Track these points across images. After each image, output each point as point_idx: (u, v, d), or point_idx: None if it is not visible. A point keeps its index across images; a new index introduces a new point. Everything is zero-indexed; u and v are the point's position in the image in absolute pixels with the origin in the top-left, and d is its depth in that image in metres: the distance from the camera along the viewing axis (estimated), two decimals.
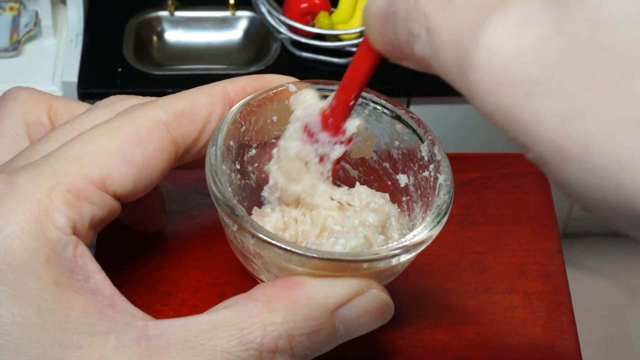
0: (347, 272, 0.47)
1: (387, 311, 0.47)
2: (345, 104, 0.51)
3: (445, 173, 0.51)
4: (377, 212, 0.51)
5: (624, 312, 1.06)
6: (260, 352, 0.44)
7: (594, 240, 1.07)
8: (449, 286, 0.56)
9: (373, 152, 0.55)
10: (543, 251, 0.58)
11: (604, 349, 1.03)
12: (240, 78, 0.52)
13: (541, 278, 0.57)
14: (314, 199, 0.52)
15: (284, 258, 0.47)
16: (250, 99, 0.52)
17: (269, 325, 0.44)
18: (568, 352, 0.54)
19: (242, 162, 0.53)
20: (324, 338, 0.46)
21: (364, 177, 0.56)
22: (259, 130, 0.53)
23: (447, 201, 0.50)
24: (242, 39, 0.94)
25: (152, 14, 0.94)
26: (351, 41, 0.87)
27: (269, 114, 0.53)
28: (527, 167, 0.62)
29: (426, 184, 0.52)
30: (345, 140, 0.52)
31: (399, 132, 0.54)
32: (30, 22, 0.87)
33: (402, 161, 0.54)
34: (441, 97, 0.92)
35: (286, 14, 0.88)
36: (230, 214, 0.48)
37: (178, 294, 0.56)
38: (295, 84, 0.53)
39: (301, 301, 0.45)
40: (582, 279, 0.96)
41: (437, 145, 0.52)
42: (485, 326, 0.54)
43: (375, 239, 0.50)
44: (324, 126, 0.51)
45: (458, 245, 0.58)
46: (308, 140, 0.52)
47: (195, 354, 0.43)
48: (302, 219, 0.52)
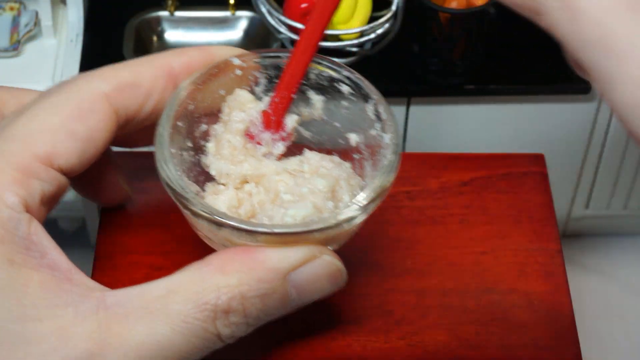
0: (299, 242, 0.48)
1: (339, 277, 0.49)
2: (288, 98, 0.53)
3: (392, 132, 0.52)
4: (326, 177, 0.52)
5: (624, 312, 1.06)
6: (214, 313, 0.45)
7: (594, 240, 1.07)
8: (449, 286, 0.56)
9: (323, 113, 0.56)
10: (543, 251, 0.58)
11: (604, 349, 1.03)
12: (185, 51, 0.53)
13: (541, 278, 0.57)
14: (262, 170, 0.53)
15: (236, 235, 0.48)
16: (196, 78, 0.53)
17: (223, 287, 0.45)
18: (568, 352, 0.54)
19: (194, 138, 0.54)
20: (277, 301, 0.47)
21: (317, 137, 0.56)
22: (207, 106, 0.54)
23: (394, 160, 0.51)
24: (242, 39, 0.94)
25: (152, 14, 0.94)
26: (351, 41, 0.87)
27: (216, 89, 0.54)
28: (527, 167, 0.62)
29: (374, 143, 0.53)
30: (285, 136, 0.54)
31: (346, 92, 0.55)
32: (30, 22, 0.87)
33: (352, 120, 0.55)
34: (441, 97, 0.92)
35: (286, 14, 0.88)
36: (178, 198, 0.49)
37: None
38: (239, 57, 0.54)
39: (255, 265, 0.46)
40: (582, 279, 0.96)
41: (383, 105, 0.53)
42: (485, 326, 0.54)
43: (325, 206, 0.50)
44: (266, 125, 0.53)
45: (458, 245, 0.58)
46: (250, 142, 0.54)
47: (153, 319, 0.44)
48: (255, 191, 0.53)
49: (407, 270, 0.57)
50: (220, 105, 0.54)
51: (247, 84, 0.55)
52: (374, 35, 0.89)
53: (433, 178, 0.61)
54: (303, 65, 0.53)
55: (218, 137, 0.54)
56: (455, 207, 0.60)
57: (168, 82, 0.52)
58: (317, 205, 0.50)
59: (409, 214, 0.59)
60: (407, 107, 0.92)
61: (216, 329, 0.45)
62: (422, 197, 0.60)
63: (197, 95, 0.53)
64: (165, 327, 0.44)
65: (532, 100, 0.95)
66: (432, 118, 0.95)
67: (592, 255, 0.99)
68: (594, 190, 1.05)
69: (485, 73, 0.92)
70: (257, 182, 0.53)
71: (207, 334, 0.45)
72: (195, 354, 0.45)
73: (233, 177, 0.53)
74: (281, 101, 0.53)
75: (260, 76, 0.55)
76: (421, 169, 0.62)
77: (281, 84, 0.53)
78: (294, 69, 0.53)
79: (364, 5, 0.90)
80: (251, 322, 0.47)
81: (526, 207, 0.60)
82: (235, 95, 0.54)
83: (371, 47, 0.90)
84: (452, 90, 0.91)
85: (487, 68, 0.92)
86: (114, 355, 0.43)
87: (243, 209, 0.52)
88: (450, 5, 0.90)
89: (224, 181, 0.53)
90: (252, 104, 0.54)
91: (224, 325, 0.46)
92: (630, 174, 1.03)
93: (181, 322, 0.45)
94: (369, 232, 0.58)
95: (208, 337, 0.45)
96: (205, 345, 0.45)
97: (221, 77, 0.54)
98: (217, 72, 0.53)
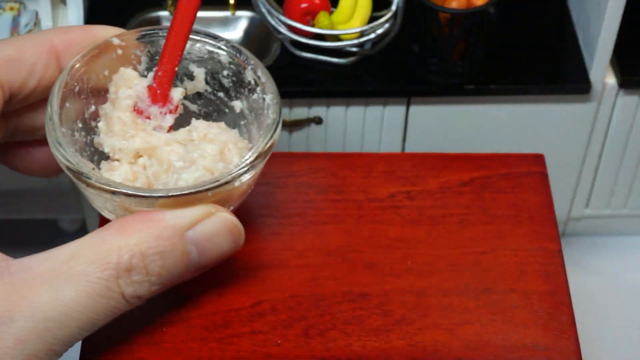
0: (195, 203, 0.51)
1: (237, 233, 0.51)
2: (171, 71, 0.55)
3: (271, 93, 0.55)
4: (213, 142, 0.54)
5: (623, 312, 1.06)
6: (117, 272, 0.47)
7: (594, 240, 1.07)
8: (449, 286, 0.56)
9: (206, 85, 0.58)
10: (543, 251, 0.58)
11: (604, 349, 1.03)
12: (69, 30, 0.55)
13: (541, 278, 0.57)
14: (153, 143, 0.55)
15: (134, 203, 0.50)
16: (78, 60, 0.55)
17: (124, 247, 0.47)
18: (568, 352, 0.54)
19: (84, 119, 0.56)
20: (178, 259, 0.49)
21: (203, 109, 0.59)
22: (93, 87, 0.56)
23: (276, 119, 0.54)
24: (243, 39, 0.95)
25: (152, 14, 0.94)
26: (351, 41, 0.87)
27: (100, 70, 0.56)
28: (527, 167, 0.62)
29: (257, 106, 0.56)
30: (173, 109, 0.56)
31: (224, 62, 0.57)
32: (30, 22, 0.87)
33: (234, 88, 0.58)
34: (441, 97, 0.92)
35: (286, 14, 0.88)
36: (77, 176, 0.51)
37: (178, 294, 0.56)
38: (119, 37, 0.56)
39: (152, 224, 0.49)
40: (582, 279, 0.96)
41: (261, 68, 0.56)
42: (485, 326, 0.54)
43: (216, 167, 0.53)
44: (153, 99, 0.55)
45: (458, 245, 0.58)
46: (139, 117, 0.56)
47: (58, 281, 0.46)
48: (149, 163, 0.55)
49: (407, 270, 0.57)
50: (107, 84, 0.57)
51: (130, 63, 0.57)
52: (374, 35, 0.89)
53: (433, 178, 0.61)
54: (183, 37, 0.55)
55: (107, 115, 0.56)
56: (455, 207, 0.60)
57: (50, 58, 0.54)
58: (208, 168, 0.53)
59: (409, 214, 0.59)
60: (407, 107, 0.92)
61: (119, 287, 0.47)
62: (422, 197, 0.60)
63: (82, 77, 0.55)
64: (69, 288, 0.46)
65: (532, 100, 0.95)
66: (432, 118, 0.95)
67: (592, 255, 0.99)
68: (593, 190, 1.05)
69: (485, 73, 0.92)
70: (150, 155, 0.55)
71: (111, 293, 0.47)
72: (102, 314, 0.47)
73: (126, 152, 0.55)
74: (164, 74, 0.55)
75: (142, 54, 0.58)
76: (421, 169, 0.62)
77: (163, 57, 0.55)
78: (174, 41, 0.55)
79: (364, 5, 0.90)
80: (154, 280, 0.48)
81: (526, 207, 0.60)
82: (121, 73, 0.56)
83: (371, 47, 0.90)
84: (452, 90, 0.91)
85: (487, 68, 0.92)
86: (21, 316, 0.45)
87: (139, 182, 0.54)
88: (450, 5, 0.90)
89: (117, 157, 0.55)
90: (137, 80, 0.56)
91: (127, 284, 0.47)
92: (629, 173, 1.03)
93: (85, 283, 0.46)
94: (369, 232, 0.58)
95: (112, 297, 0.47)
96: (112, 305, 0.47)
97: (103, 58, 0.56)
98: (99, 53, 0.56)
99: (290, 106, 0.87)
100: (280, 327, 0.55)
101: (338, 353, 0.54)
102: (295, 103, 0.87)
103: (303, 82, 0.87)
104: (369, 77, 0.89)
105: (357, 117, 0.91)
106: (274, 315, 0.55)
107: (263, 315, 0.55)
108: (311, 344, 0.54)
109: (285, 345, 0.54)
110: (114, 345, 0.53)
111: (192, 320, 0.55)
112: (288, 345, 0.54)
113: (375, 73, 0.89)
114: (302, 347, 0.54)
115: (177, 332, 0.54)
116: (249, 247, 0.57)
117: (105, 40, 0.56)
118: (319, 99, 0.88)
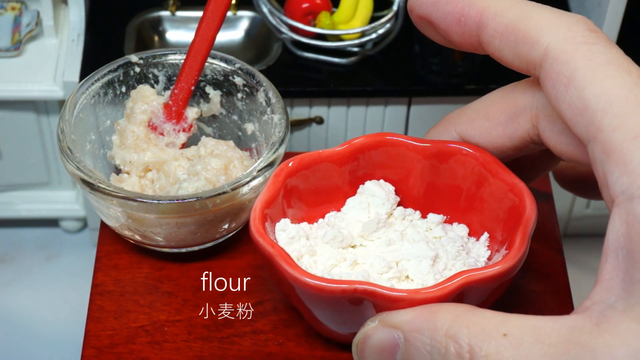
0: (195, 211, 0.52)
1: None
2: (188, 90, 0.57)
3: (279, 113, 0.57)
4: (219, 156, 0.56)
5: None
6: None
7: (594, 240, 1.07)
8: None
9: (221, 107, 0.61)
10: (543, 251, 0.58)
11: None
12: None
13: (541, 278, 0.57)
14: (162, 157, 0.57)
15: (138, 209, 0.52)
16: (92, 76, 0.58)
17: None
18: None
19: (98, 132, 0.59)
20: None
21: (218, 132, 0.61)
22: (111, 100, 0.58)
23: (282, 136, 0.56)
24: (244, 38, 0.94)
25: (153, 14, 0.94)
26: (352, 41, 0.87)
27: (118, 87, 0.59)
28: None
29: (267, 126, 0.58)
30: (187, 127, 0.58)
31: (239, 84, 0.60)
32: (32, 22, 0.87)
33: (247, 111, 0.60)
34: (441, 97, 0.92)
35: (287, 14, 0.88)
36: (87, 183, 0.53)
37: (180, 293, 0.56)
38: (137, 55, 0.60)
39: None
40: (582, 279, 0.96)
41: (272, 90, 0.58)
42: None
43: (218, 180, 0.55)
44: (168, 116, 0.57)
45: None
46: (153, 132, 0.58)
47: None
48: (156, 177, 0.56)
49: None
50: (124, 101, 0.59)
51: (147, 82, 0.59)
52: (375, 35, 0.89)
53: None
54: (201, 57, 0.57)
55: (122, 129, 0.57)
56: None
57: None
58: (210, 180, 0.54)
59: None
60: (408, 107, 0.92)
61: None
62: None
63: (99, 91, 0.58)
64: None
65: None
66: (433, 118, 0.95)
67: (593, 255, 0.99)
68: None
69: (486, 73, 0.92)
70: (158, 169, 0.56)
71: None
72: None
73: (136, 165, 0.56)
74: (181, 92, 0.57)
75: (160, 74, 0.60)
76: None
77: (180, 76, 0.57)
78: (192, 61, 0.57)
79: (365, 5, 0.90)
80: None
81: None
82: (139, 89, 0.58)
83: (372, 47, 0.90)
84: (453, 90, 0.91)
85: (488, 68, 0.92)
86: None
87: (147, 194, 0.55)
88: None
89: (127, 169, 0.57)
90: (154, 96, 0.58)
91: None
92: None
93: None
94: None
95: None
96: None
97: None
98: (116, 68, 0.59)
99: (292, 106, 0.87)
100: (281, 327, 0.55)
101: (338, 353, 0.54)
102: (297, 103, 0.88)
103: (304, 82, 0.86)
104: (370, 77, 0.89)
105: (358, 117, 0.91)
106: (275, 315, 0.55)
107: (265, 314, 0.55)
108: (311, 344, 0.54)
109: (287, 345, 0.54)
110: (116, 345, 0.53)
111: (194, 320, 0.55)
112: (290, 345, 0.54)
113: (377, 73, 0.89)
114: (302, 347, 0.54)
115: (178, 332, 0.54)
116: (250, 245, 0.57)
117: (125, 57, 0.58)
118: (320, 99, 0.88)
